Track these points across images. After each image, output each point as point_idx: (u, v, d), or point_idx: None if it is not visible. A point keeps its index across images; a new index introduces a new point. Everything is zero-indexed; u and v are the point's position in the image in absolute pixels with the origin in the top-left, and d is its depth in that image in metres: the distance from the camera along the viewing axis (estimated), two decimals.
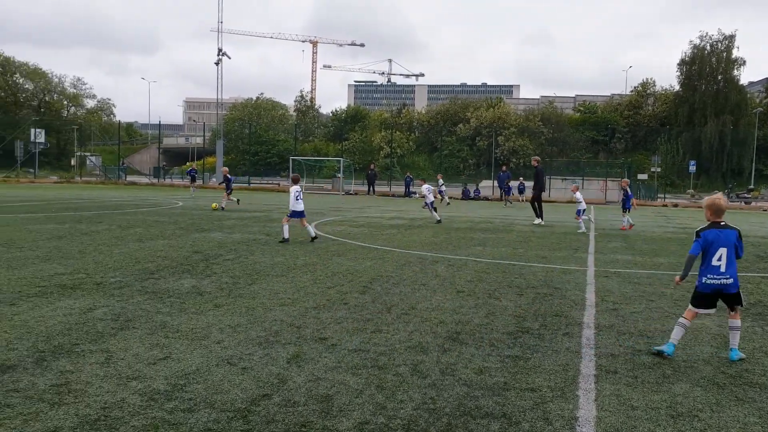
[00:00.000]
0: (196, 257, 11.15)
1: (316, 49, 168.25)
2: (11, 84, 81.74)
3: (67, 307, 7.13)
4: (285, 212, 14.82)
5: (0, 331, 6.08)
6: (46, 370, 5.02)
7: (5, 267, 9.53)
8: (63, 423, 4.04)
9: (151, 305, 7.38)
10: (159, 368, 5.14)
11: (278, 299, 7.89)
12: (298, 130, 73.78)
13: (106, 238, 13.43)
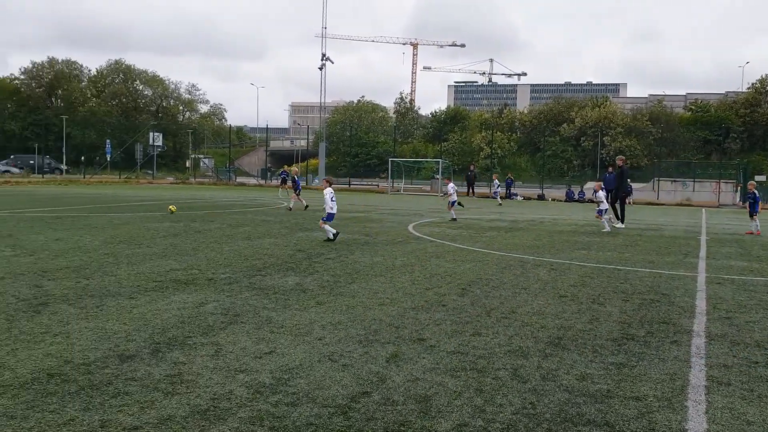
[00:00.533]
0: (299, 256, 11.49)
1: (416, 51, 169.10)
2: (132, 90, 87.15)
3: (181, 301, 7.54)
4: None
5: (120, 322, 6.52)
6: (161, 360, 5.34)
7: (126, 263, 10.18)
8: (176, 412, 4.28)
9: (258, 301, 7.68)
10: (264, 362, 5.35)
11: (377, 299, 8.00)
12: (398, 132, 74.33)
13: (218, 236, 14.07)
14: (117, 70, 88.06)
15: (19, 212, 19.20)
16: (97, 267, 9.73)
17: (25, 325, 6.30)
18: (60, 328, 6.23)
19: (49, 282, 8.41)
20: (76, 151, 67.32)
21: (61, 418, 4.08)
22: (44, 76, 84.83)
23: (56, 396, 4.45)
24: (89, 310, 6.99)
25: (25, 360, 5.21)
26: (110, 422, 4.05)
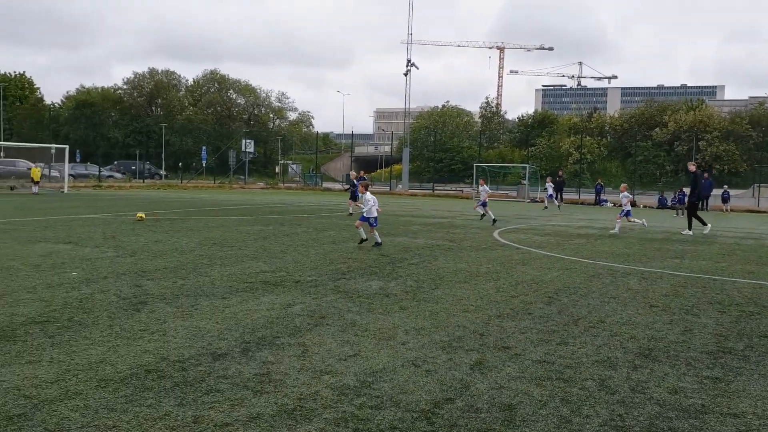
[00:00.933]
0: (383, 260, 11.59)
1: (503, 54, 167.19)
2: (226, 99, 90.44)
3: (270, 302, 7.77)
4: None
5: (213, 322, 6.78)
6: (250, 359, 5.52)
7: (219, 264, 10.58)
8: (264, 410, 4.41)
9: (343, 304, 7.81)
10: (349, 364, 5.44)
11: (461, 305, 7.97)
12: (483, 137, 73.67)
13: (304, 240, 14.40)
14: (212, 80, 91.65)
15: (121, 215, 20.29)
16: (193, 268, 10.16)
17: (126, 322, 6.66)
18: (157, 326, 6.55)
19: (148, 282, 8.86)
20: (174, 157, 70.51)
21: (157, 413, 4.29)
22: (145, 85, 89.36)
23: (153, 391, 4.68)
24: (185, 309, 7.32)
25: (124, 356, 5.51)
26: (202, 418, 4.22)
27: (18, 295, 7.82)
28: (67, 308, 7.18)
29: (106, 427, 4.02)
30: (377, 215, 13.82)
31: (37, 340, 5.91)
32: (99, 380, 4.87)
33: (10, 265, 9.98)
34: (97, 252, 11.61)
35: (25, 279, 8.86)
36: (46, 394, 4.54)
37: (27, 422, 4.05)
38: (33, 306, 7.26)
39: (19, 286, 8.38)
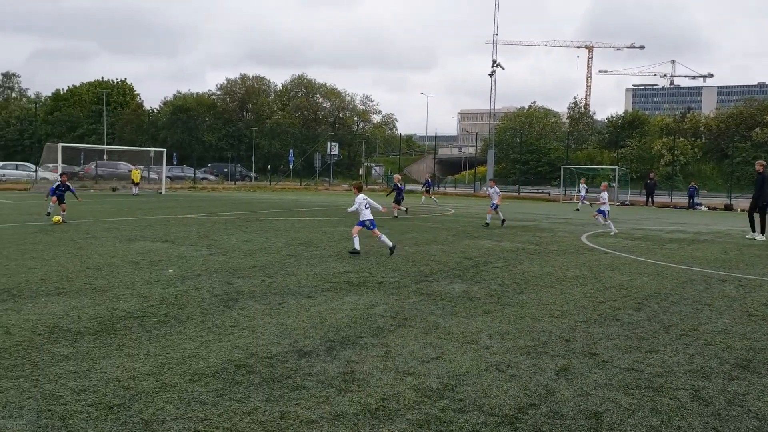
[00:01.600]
0: (466, 263, 11.53)
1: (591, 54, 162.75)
2: (312, 103, 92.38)
3: (353, 303, 7.89)
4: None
5: (299, 320, 6.95)
6: (335, 358, 5.62)
7: (305, 264, 10.83)
8: (348, 409, 4.49)
9: (426, 306, 7.83)
10: (432, 367, 5.45)
11: (547, 310, 7.83)
12: (571, 138, 71.94)
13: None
14: (300, 85, 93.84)
15: (214, 215, 21.08)
16: (280, 267, 10.44)
17: (217, 318, 6.92)
18: (247, 322, 6.77)
19: (239, 279, 9.17)
20: (263, 160, 72.58)
21: (246, 407, 4.44)
22: (237, 91, 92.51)
23: (242, 386, 4.85)
24: (272, 306, 7.53)
25: (216, 351, 5.73)
26: (289, 414, 4.34)
27: (119, 291, 8.27)
28: (163, 304, 7.54)
29: (198, 420, 4.20)
30: (372, 217, 12.77)
31: (135, 334, 6.24)
32: (192, 374, 5.09)
33: (111, 262, 10.56)
34: (191, 250, 12.11)
35: (125, 275, 9.36)
36: (143, 386, 4.78)
37: (125, 412, 4.28)
38: (132, 301, 7.66)
39: (120, 282, 8.86)
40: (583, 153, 72.74)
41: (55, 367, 5.17)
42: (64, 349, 5.67)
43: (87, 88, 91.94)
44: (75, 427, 4.02)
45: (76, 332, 6.22)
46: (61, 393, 4.59)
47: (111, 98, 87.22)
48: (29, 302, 7.45)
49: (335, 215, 22.71)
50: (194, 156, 61.67)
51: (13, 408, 4.29)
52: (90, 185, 42.50)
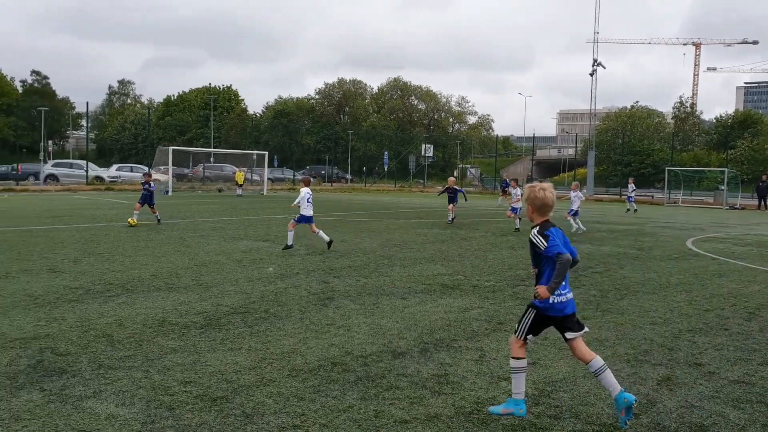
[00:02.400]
0: None
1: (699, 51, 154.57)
2: (407, 105, 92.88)
3: (448, 305, 7.88)
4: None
5: (393, 320, 7.02)
6: (429, 360, 5.64)
7: (399, 265, 10.92)
8: (442, 411, 4.50)
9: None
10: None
11: (649, 317, 7.53)
12: (676, 139, 68.71)
13: (482, 244, 14.39)
14: (395, 87, 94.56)
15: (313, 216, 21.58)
16: (375, 267, 10.58)
17: (315, 316, 7.10)
18: (342, 321, 6.91)
19: (335, 279, 9.37)
20: (358, 162, 73.68)
21: (342, 405, 4.54)
22: (334, 95, 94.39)
23: (338, 384, 4.96)
24: (367, 307, 7.65)
25: (313, 348, 5.88)
26: (383, 413, 4.40)
27: (223, 287, 8.64)
28: (264, 301, 7.82)
29: (296, 415, 4.33)
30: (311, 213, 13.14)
31: (238, 329, 6.50)
32: (290, 370, 5.25)
33: (217, 259, 11.04)
34: (290, 250, 12.47)
35: (230, 273, 9.77)
36: (245, 380, 4.98)
37: (228, 404, 4.48)
38: (235, 297, 7.98)
39: (224, 279, 9.25)
40: (689, 154, 69.29)
41: (164, 359, 5.47)
42: (172, 342, 5.99)
43: (195, 94, 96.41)
44: (181, 417, 4.25)
45: (184, 326, 6.56)
46: (169, 384, 4.85)
47: (217, 103, 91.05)
48: (141, 297, 7.92)
49: (429, 217, 22.74)
50: (293, 158, 63.37)
51: (125, 396, 4.58)
52: (198, 186, 44.58)
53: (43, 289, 8.22)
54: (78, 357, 5.44)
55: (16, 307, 7.15)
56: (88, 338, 6.01)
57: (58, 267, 9.88)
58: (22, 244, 12.35)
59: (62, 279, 8.92)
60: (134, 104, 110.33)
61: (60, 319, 6.70)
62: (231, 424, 4.15)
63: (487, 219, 22.99)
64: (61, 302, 7.48)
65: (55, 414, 4.22)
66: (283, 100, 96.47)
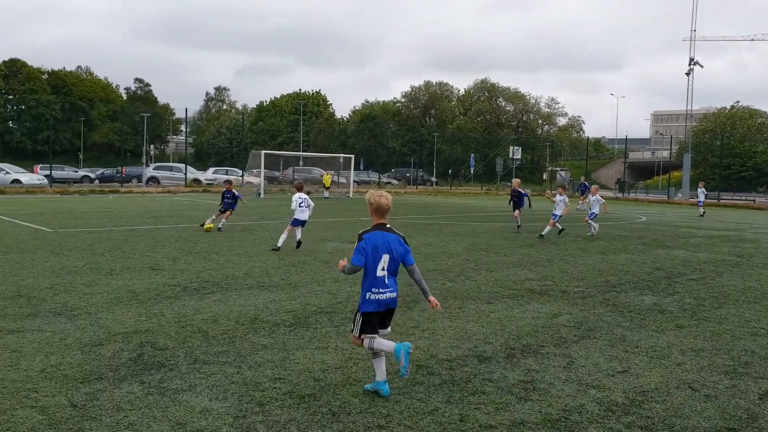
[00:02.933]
0: (658, 274, 10.85)
1: None
2: (495, 107, 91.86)
3: (535, 311, 7.76)
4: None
5: (479, 325, 6.98)
6: (515, 366, 5.58)
7: (485, 269, 10.83)
8: (528, 417, 4.44)
9: (612, 318, 7.50)
10: (617, 381, 5.22)
11: (749, 327, 7.16)
12: None
13: (572, 249, 14.07)
14: (482, 89, 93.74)
15: (398, 218, 21.75)
16: (460, 271, 10.54)
17: (399, 318, 7.15)
18: (427, 324, 6.93)
19: None
20: (444, 165, 73.56)
21: (426, 407, 4.56)
22: (420, 97, 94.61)
23: (422, 386, 4.99)
24: (452, 310, 7.64)
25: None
26: (468, 417, 4.39)
27: (311, 287, 8.85)
28: (350, 301, 7.94)
29: (381, 415, 4.38)
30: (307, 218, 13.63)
31: (325, 328, 6.64)
32: None
33: (305, 260, 11.31)
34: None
35: (317, 273, 9.98)
36: (332, 379, 5.09)
37: (315, 402, 4.59)
38: (322, 297, 8.16)
39: (312, 279, 9.47)
40: None
41: (255, 355, 5.66)
42: (263, 339, 6.19)
43: (286, 100, 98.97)
44: (271, 413, 4.39)
45: (274, 324, 6.76)
46: (260, 380, 5.02)
47: (307, 108, 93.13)
48: (234, 294, 8.22)
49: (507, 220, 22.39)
50: (379, 161, 63.96)
51: (218, 391, 4.77)
52: (288, 189, 45.72)
53: (144, 285, 8.67)
54: (175, 351, 5.72)
55: (119, 303, 7.58)
56: (184, 334, 6.30)
57: (158, 265, 10.39)
58: (125, 243, 13.06)
59: (162, 276, 9.38)
60: (229, 110, 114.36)
61: (159, 314, 7.06)
62: (318, 421, 4.26)
63: (578, 223, 22.42)
64: (160, 299, 7.87)
65: (153, 406, 4.45)
66: (369, 104, 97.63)
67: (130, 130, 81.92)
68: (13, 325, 6.46)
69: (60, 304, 7.44)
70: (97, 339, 6.03)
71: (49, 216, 19.36)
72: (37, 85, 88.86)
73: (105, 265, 10.20)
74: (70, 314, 6.96)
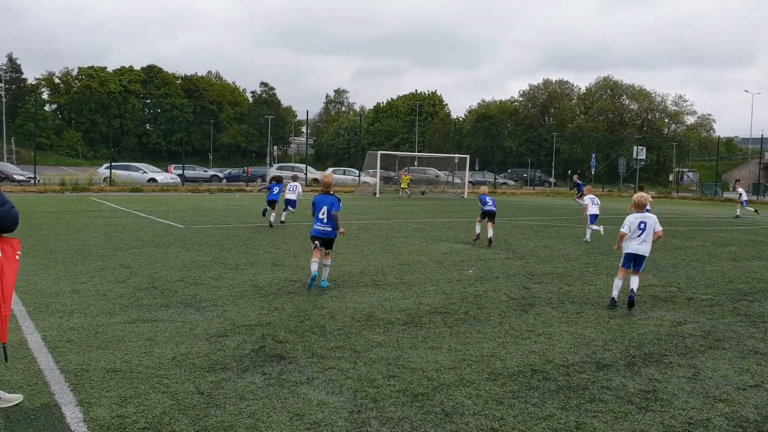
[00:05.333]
0: None
1: None
2: (618, 105, 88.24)
3: (659, 318, 7.41)
4: None
5: (598, 331, 6.76)
6: (635, 374, 5.37)
7: (605, 273, 10.45)
8: (649, 429, 4.26)
9: (743, 328, 7.03)
10: (748, 395, 4.91)
11: None
12: None
13: (699, 254, 13.30)
14: (604, 87, 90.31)
15: (513, 220, 21.43)
16: (579, 275, 10.24)
17: (514, 321, 7.06)
18: (544, 328, 6.80)
19: (536, 285, 9.23)
20: (563, 165, 71.56)
21: (541, 413, 4.48)
22: (539, 96, 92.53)
23: (537, 391, 4.90)
24: (570, 315, 7.44)
25: (513, 353, 5.86)
26: (585, 425, 4.28)
27: (425, 286, 8.90)
28: (463, 302, 7.93)
29: (495, 418, 4.36)
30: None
31: (438, 328, 6.67)
32: (489, 373, 5.29)
33: (419, 260, 11.39)
34: (490, 253, 12.49)
35: (431, 273, 10.03)
36: (444, 379, 5.11)
37: (428, 402, 4.63)
38: (436, 297, 8.19)
39: (426, 279, 9.53)
40: None
41: (370, 352, 5.78)
42: (377, 336, 6.31)
43: (402, 101, 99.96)
44: (385, 409, 4.47)
45: (388, 322, 6.87)
46: (374, 377, 5.12)
47: (422, 109, 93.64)
48: (350, 291, 8.42)
49: None
50: (495, 161, 63.20)
51: (335, 385, 4.92)
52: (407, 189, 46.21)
53: (266, 280, 9.06)
54: (295, 345, 5.94)
55: (244, 296, 7.97)
56: (303, 328, 6.54)
57: (279, 261, 10.82)
58: (250, 240, 13.70)
59: (283, 272, 9.77)
60: (348, 111, 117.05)
61: (280, 309, 7.36)
62: (431, 420, 4.29)
63: (706, 227, 21.15)
64: (281, 293, 8.20)
65: (273, 397, 4.66)
66: (486, 104, 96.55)
67: (255, 131, 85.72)
68: (147, 314, 6.95)
69: (190, 296, 7.93)
70: (223, 330, 6.38)
71: (181, 213, 20.64)
72: (172, 89, 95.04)
73: (231, 260, 10.75)
74: (199, 306, 7.40)
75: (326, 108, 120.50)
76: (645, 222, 7.94)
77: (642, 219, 7.97)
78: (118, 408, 4.36)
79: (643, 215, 7.99)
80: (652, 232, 7.94)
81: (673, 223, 22.08)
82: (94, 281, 8.67)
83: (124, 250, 11.58)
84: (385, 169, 45.36)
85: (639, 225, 7.95)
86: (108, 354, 5.50)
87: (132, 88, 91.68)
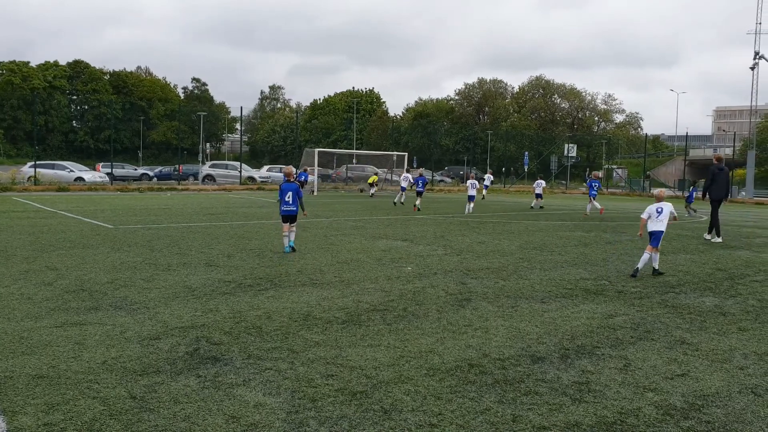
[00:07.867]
0: (719, 275, 10.51)
1: None
2: (550, 104, 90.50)
3: (590, 311, 7.61)
4: None
5: (532, 324, 6.89)
6: (569, 366, 5.49)
7: (539, 268, 10.68)
8: (582, 419, 4.36)
9: (671, 319, 7.29)
10: (676, 384, 5.08)
11: None
12: None
13: (629, 248, 13.75)
14: (537, 86, 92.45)
15: (450, 216, 21.65)
16: (513, 270, 10.43)
17: (452, 317, 7.12)
18: (480, 323, 6.88)
19: (472, 280, 9.34)
20: (497, 163, 72.86)
21: (479, 407, 4.52)
22: (474, 95, 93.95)
23: (475, 385, 4.95)
24: (505, 309, 7.56)
25: (450, 349, 5.91)
26: (521, 418, 4.34)
27: (363, 284, 8.89)
28: (402, 299, 7.95)
29: (433, 414, 4.37)
30: None
31: (377, 326, 6.66)
32: (428, 368, 5.31)
33: (357, 258, 11.37)
34: (428, 249, 12.59)
35: (369, 271, 10.02)
36: (383, 376, 5.10)
37: (367, 399, 4.61)
38: (375, 295, 8.18)
39: (364, 276, 9.51)
40: None
41: (308, 351, 5.72)
42: (315, 335, 6.25)
43: (340, 98, 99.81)
44: (323, 409, 4.42)
45: (326, 321, 6.82)
46: (312, 376, 5.07)
47: (360, 106, 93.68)
48: (288, 291, 8.32)
49: (571, 219, 22.02)
50: (432, 159, 63.82)
51: (272, 386, 4.84)
52: (341, 186, 46.11)
53: (200, 281, 8.86)
54: (230, 347, 5.82)
55: (177, 298, 7.77)
56: (239, 329, 6.42)
57: (213, 261, 10.61)
58: (182, 240, 13.38)
59: (217, 273, 9.57)
60: (284, 108, 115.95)
61: (215, 310, 7.20)
62: (370, 418, 4.27)
63: (635, 222, 21.90)
64: (215, 294, 8.03)
65: (209, 399, 4.55)
66: (423, 102, 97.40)
67: (187, 128, 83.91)
68: (76, 318, 6.69)
69: (120, 298, 7.67)
70: (155, 333, 6.20)
71: (110, 213, 20.00)
72: (99, 85, 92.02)
73: (163, 261, 10.47)
74: (130, 308, 7.17)
75: (261, 104, 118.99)
76: (663, 208, 10.20)
77: (660, 206, 10.21)
78: (44, 416, 4.17)
79: (661, 203, 10.22)
80: (668, 216, 10.18)
81: (604, 219, 22.77)
82: (18, 284, 8.29)
83: (51, 252, 11.13)
84: (322, 167, 45.13)
85: (656, 209, 10.19)
86: (34, 360, 5.26)
87: (57, 84, 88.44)
